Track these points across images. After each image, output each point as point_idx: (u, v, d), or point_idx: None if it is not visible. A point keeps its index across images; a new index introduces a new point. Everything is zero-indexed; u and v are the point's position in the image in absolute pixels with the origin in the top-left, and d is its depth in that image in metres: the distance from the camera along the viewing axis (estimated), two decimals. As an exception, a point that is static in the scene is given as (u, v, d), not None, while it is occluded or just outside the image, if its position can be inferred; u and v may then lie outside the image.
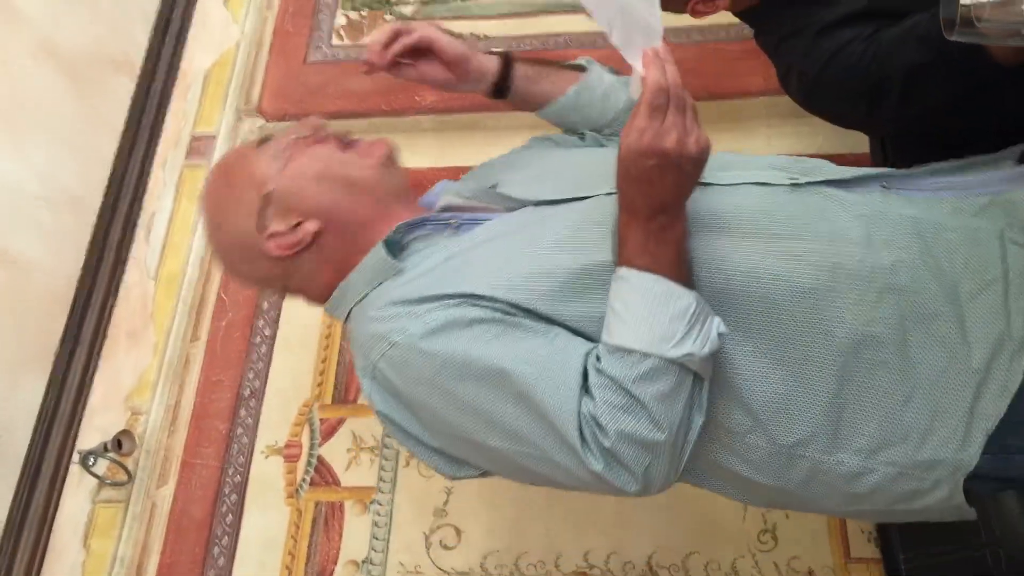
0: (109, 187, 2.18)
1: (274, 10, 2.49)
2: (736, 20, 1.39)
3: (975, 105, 1.16)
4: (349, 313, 1.08)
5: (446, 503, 1.78)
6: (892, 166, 1.14)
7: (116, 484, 1.88)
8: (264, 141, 1.09)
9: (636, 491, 0.88)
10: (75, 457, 1.90)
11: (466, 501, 1.78)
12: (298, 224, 1.05)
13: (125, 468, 1.87)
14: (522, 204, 1.06)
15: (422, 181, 1.22)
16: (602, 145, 1.27)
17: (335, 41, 2.41)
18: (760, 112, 2.03)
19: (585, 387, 0.88)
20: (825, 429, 0.96)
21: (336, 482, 1.84)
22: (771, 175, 1.04)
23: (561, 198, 1.04)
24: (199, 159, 2.27)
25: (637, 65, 0.88)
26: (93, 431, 1.94)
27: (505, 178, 1.13)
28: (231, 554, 1.79)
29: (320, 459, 1.86)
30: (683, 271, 0.91)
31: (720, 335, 0.89)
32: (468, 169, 1.31)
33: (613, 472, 0.87)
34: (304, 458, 1.87)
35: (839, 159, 1.14)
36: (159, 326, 2.05)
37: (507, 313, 0.94)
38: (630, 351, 0.86)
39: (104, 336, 2.05)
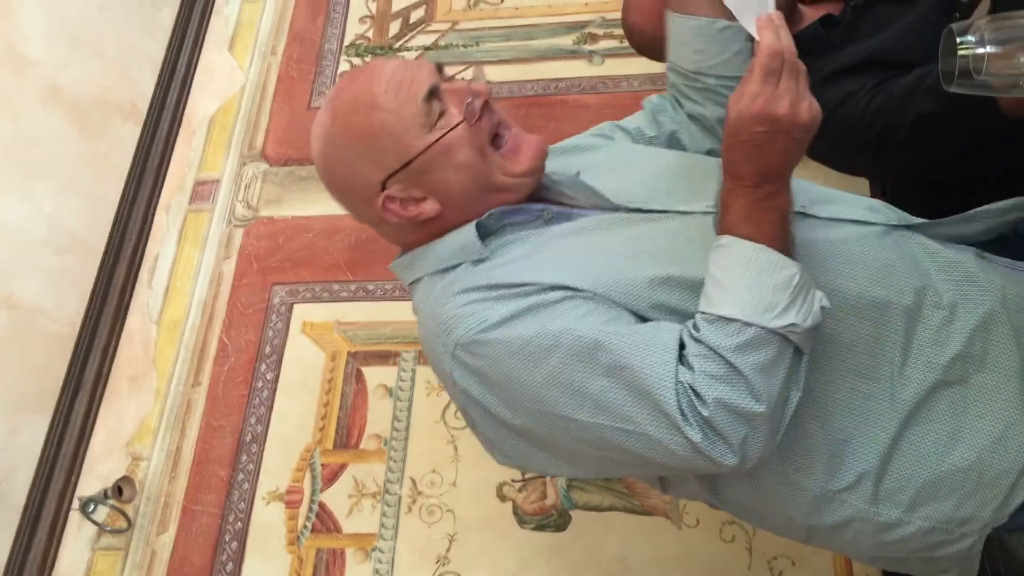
0: (113, 231, 2.20)
1: (278, 56, 2.52)
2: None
3: (980, 152, 1.17)
4: (417, 281, 1.05)
5: (448, 550, 1.76)
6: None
7: (116, 531, 1.86)
8: (432, 95, 0.99)
9: (733, 463, 0.84)
10: (75, 504, 1.89)
11: (468, 548, 1.76)
12: (418, 199, 1.01)
13: (125, 515, 1.86)
14: (611, 204, 1.04)
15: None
16: (677, 148, 1.23)
17: (339, 87, 2.44)
18: (760, 156, 2.03)
19: (681, 356, 0.85)
20: (872, 480, 0.95)
21: (337, 529, 1.82)
22: (869, 215, 1.03)
23: (657, 208, 1.02)
24: (202, 204, 2.29)
25: (751, 29, 0.89)
26: (94, 477, 1.93)
27: (588, 168, 1.10)
28: (231, 603, 1.78)
29: (322, 505, 1.85)
30: (787, 242, 0.88)
31: (822, 308, 0.86)
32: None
33: (710, 442, 0.83)
34: (305, 504, 1.85)
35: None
36: (161, 371, 2.05)
37: (595, 297, 0.92)
38: (731, 320, 0.83)
39: (106, 381, 2.05)
